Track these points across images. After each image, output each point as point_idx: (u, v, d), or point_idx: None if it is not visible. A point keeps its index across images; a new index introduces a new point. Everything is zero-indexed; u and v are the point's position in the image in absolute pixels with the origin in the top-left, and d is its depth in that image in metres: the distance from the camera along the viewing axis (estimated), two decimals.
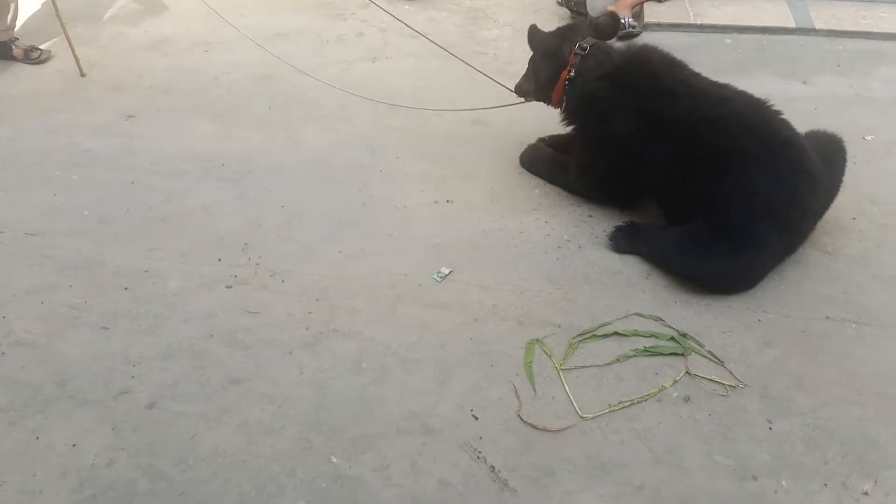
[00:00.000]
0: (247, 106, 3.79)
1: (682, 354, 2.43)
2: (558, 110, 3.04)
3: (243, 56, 4.20)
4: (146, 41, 4.41)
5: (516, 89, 3.25)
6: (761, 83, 2.85)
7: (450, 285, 2.72)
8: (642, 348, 2.45)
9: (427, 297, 2.67)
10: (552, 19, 4.36)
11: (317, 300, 2.66)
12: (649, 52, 2.84)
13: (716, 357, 2.42)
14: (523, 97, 3.24)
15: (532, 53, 3.10)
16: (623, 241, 2.83)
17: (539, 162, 3.22)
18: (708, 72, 2.86)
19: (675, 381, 2.35)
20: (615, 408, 2.28)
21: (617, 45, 2.98)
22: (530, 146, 3.27)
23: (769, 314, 2.56)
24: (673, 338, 2.48)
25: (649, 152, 2.72)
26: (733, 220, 2.59)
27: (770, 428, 2.22)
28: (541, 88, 3.07)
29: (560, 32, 3.05)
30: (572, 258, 2.81)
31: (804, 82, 3.84)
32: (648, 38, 3.94)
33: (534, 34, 3.05)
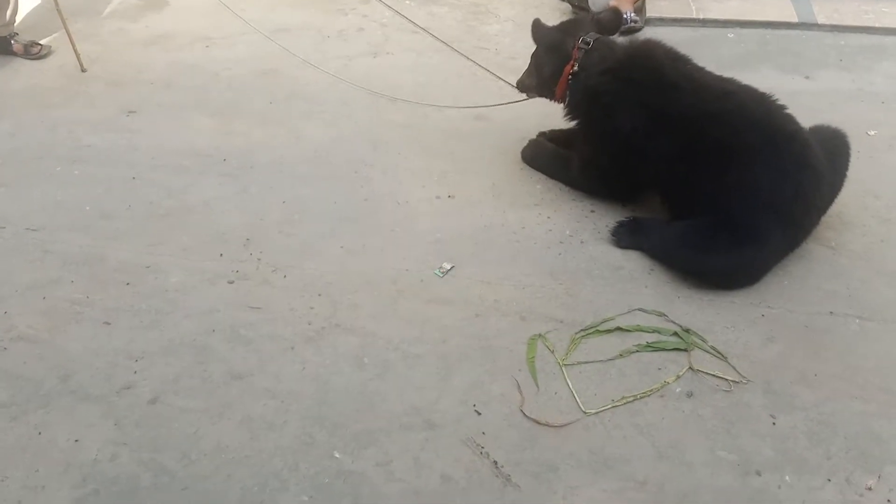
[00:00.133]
0: (248, 101, 3.78)
1: (685, 350, 2.42)
2: (561, 105, 3.03)
3: (244, 52, 4.19)
4: (147, 36, 4.39)
5: (518, 85, 3.24)
6: (763, 78, 2.85)
7: (451, 281, 2.71)
8: (645, 343, 2.44)
9: (429, 293, 2.66)
10: (554, 14, 4.34)
11: (319, 295, 2.66)
12: (653, 47, 2.83)
13: (719, 352, 2.41)
14: (525, 93, 3.23)
15: (535, 48, 3.09)
16: (625, 237, 2.82)
17: (541, 157, 3.21)
18: (710, 66, 2.85)
19: (678, 377, 2.35)
20: (618, 403, 2.28)
21: (620, 40, 2.97)
22: (532, 141, 3.26)
23: (772, 309, 2.56)
24: (676, 333, 2.47)
25: (653, 147, 2.72)
26: (736, 215, 2.58)
27: (773, 423, 2.21)
28: (544, 83, 3.05)
29: (563, 27, 3.04)
30: (574, 253, 2.81)
31: (807, 77, 3.83)
32: (650, 33, 3.91)
33: (537, 28, 3.04)
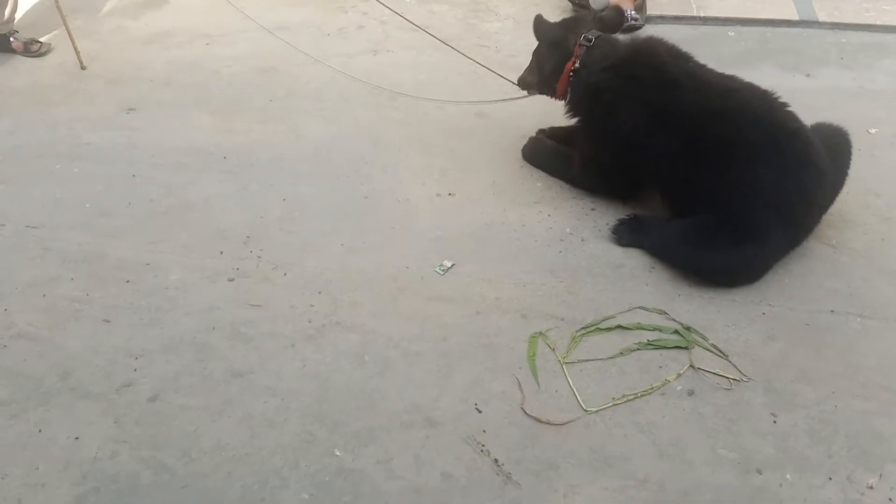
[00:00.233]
0: (248, 99, 3.77)
1: (686, 348, 2.42)
2: (562, 103, 3.02)
3: (244, 49, 4.18)
4: (146, 34, 4.39)
5: (519, 82, 3.24)
6: (764, 76, 2.85)
7: (452, 278, 2.71)
8: (646, 342, 2.44)
9: (429, 290, 2.66)
10: (554, 12, 4.33)
11: (319, 293, 2.66)
12: (654, 44, 2.83)
13: (720, 350, 2.41)
14: (526, 90, 3.22)
15: (536, 45, 3.08)
16: (626, 234, 2.82)
17: (541, 154, 3.20)
18: (711, 64, 2.84)
19: (679, 375, 2.34)
20: (619, 401, 2.27)
21: (621, 38, 2.97)
22: (532, 139, 3.26)
23: (773, 307, 2.55)
24: (677, 331, 2.47)
25: (654, 144, 2.71)
26: (737, 213, 2.58)
27: (774, 421, 2.21)
28: (545, 80, 3.05)
29: (565, 24, 3.04)
30: (575, 251, 2.80)
31: (807, 75, 3.82)
32: (651, 31, 3.91)
33: (539, 24, 3.04)
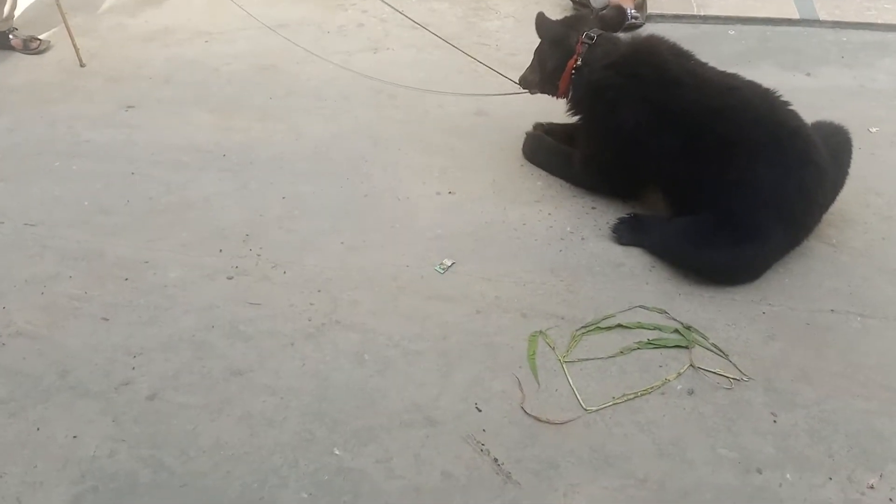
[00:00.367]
0: (247, 97, 3.76)
1: (686, 347, 2.41)
2: (562, 102, 3.02)
3: (244, 47, 4.17)
4: (146, 31, 4.38)
5: (521, 81, 3.23)
6: (765, 75, 2.84)
7: (452, 277, 2.70)
8: (646, 341, 2.43)
9: (429, 289, 2.65)
10: (554, 11, 4.31)
11: (318, 291, 2.65)
12: (656, 42, 2.83)
13: (720, 350, 2.41)
14: (528, 89, 3.21)
15: (537, 44, 3.08)
16: (626, 233, 2.81)
17: (542, 153, 3.20)
18: (711, 63, 2.83)
19: (679, 374, 2.34)
20: (619, 400, 2.27)
21: (623, 36, 2.96)
22: (532, 136, 3.24)
23: (774, 307, 2.55)
24: (677, 330, 2.46)
25: (655, 142, 2.71)
26: (738, 211, 2.58)
27: (774, 421, 2.21)
28: (546, 78, 3.04)
29: (567, 21, 3.03)
30: (575, 250, 2.80)
31: (808, 74, 3.82)
32: (651, 29, 3.91)
33: (541, 22, 3.03)
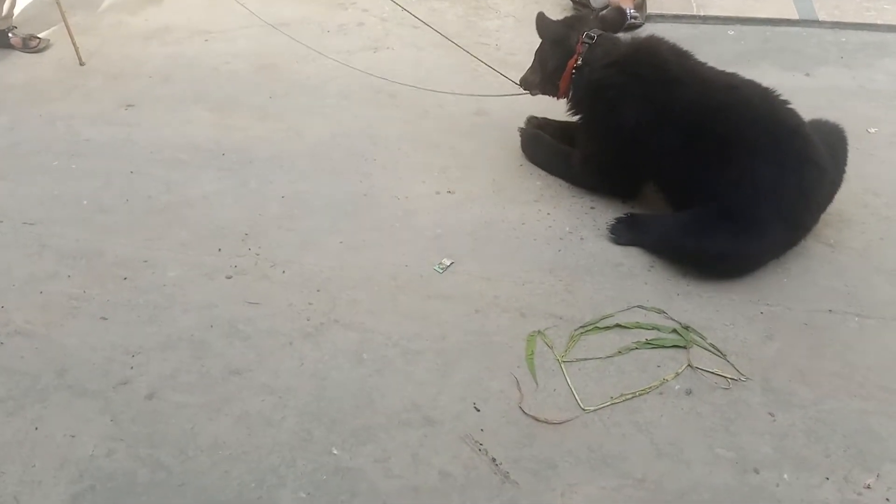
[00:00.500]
0: (247, 96, 3.76)
1: (685, 347, 2.42)
2: (563, 102, 3.03)
3: (243, 45, 4.17)
4: (146, 30, 4.38)
5: (521, 82, 3.23)
6: (764, 75, 2.84)
7: (451, 276, 2.70)
8: (644, 341, 2.44)
9: (428, 289, 2.66)
10: (554, 10, 4.31)
11: (317, 291, 2.65)
12: (656, 42, 2.84)
13: (718, 350, 2.41)
14: (529, 90, 3.22)
15: (537, 44, 3.08)
16: (624, 233, 2.81)
17: (541, 153, 3.20)
18: (711, 63, 2.84)
19: (677, 374, 2.34)
20: (617, 400, 2.27)
21: (623, 36, 2.97)
22: (529, 135, 3.23)
23: (771, 307, 2.55)
24: (675, 330, 2.47)
25: (656, 140, 2.71)
26: (737, 205, 2.57)
27: (772, 421, 2.21)
28: (547, 78, 3.04)
29: (568, 22, 3.04)
30: (574, 250, 2.80)
31: (807, 74, 3.82)
32: (651, 29, 3.92)
33: (542, 22, 3.04)
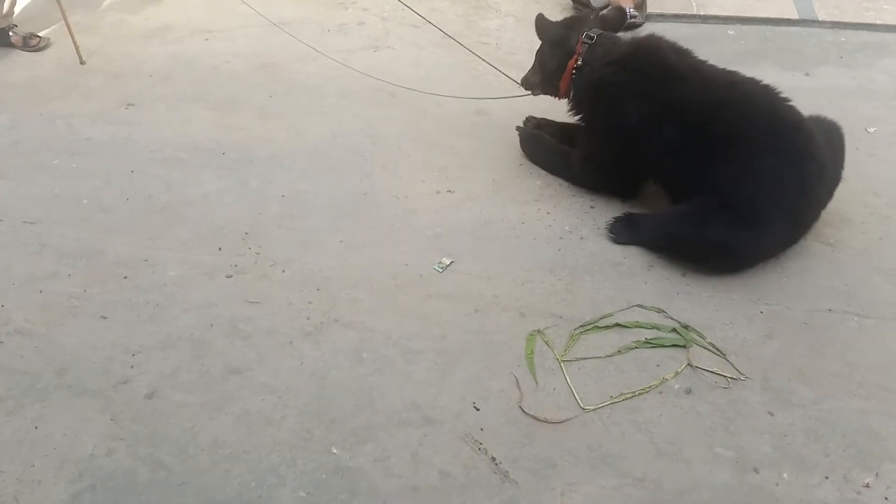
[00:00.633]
0: (247, 95, 3.77)
1: (684, 346, 2.42)
2: (563, 102, 3.04)
3: (244, 45, 4.18)
4: (146, 29, 4.38)
5: (523, 82, 3.23)
6: (763, 74, 2.84)
7: (451, 276, 2.71)
8: (644, 340, 2.44)
9: (428, 288, 2.66)
10: (555, 10, 4.33)
11: (317, 290, 2.65)
12: (657, 40, 2.85)
13: (717, 349, 2.41)
14: (530, 90, 3.22)
15: (539, 44, 3.09)
16: (623, 232, 2.82)
17: (541, 152, 3.20)
18: (711, 62, 2.84)
19: (677, 373, 2.34)
20: (616, 399, 2.27)
21: (623, 35, 2.97)
22: (528, 134, 3.24)
23: (771, 306, 2.55)
24: (675, 329, 2.47)
25: (658, 138, 2.71)
26: (738, 198, 2.57)
27: (771, 420, 2.21)
28: (547, 79, 3.05)
29: (568, 22, 3.05)
30: (574, 249, 2.80)
31: (807, 74, 3.82)
32: (651, 29, 3.91)
33: (541, 23, 3.04)
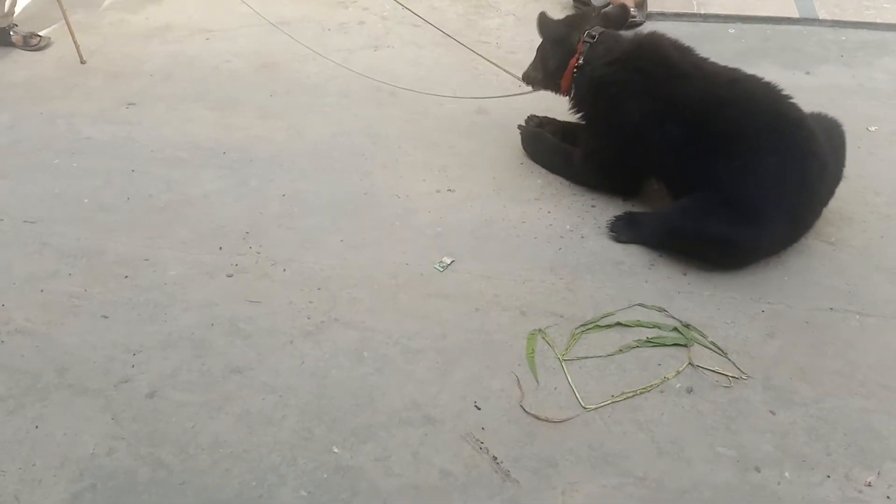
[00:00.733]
0: (248, 94, 3.76)
1: (685, 345, 2.42)
2: (564, 99, 3.03)
3: (244, 44, 4.17)
4: (147, 28, 4.38)
5: (524, 77, 3.24)
6: (765, 73, 2.84)
7: (451, 275, 2.70)
8: (645, 339, 2.44)
9: (429, 287, 2.66)
10: (555, 9, 4.32)
11: (318, 289, 2.65)
12: (658, 38, 2.86)
13: (719, 348, 2.41)
14: (531, 85, 3.23)
15: (540, 42, 3.09)
16: (624, 231, 2.82)
17: (542, 151, 3.20)
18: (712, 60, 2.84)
19: (678, 372, 2.34)
20: (618, 399, 2.27)
21: (624, 34, 2.97)
22: (529, 133, 3.24)
23: (772, 305, 2.55)
24: (676, 328, 2.47)
25: (659, 136, 2.71)
26: (740, 195, 2.57)
27: (773, 419, 2.20)
28: (549, 76, 3.06)
29: (569, 21, 3.05)
30: (575, 248, 2.80)
31: (807, 73, 3.82)
32: (652, 28, 3.91)
33: (543, 22, 3.04)
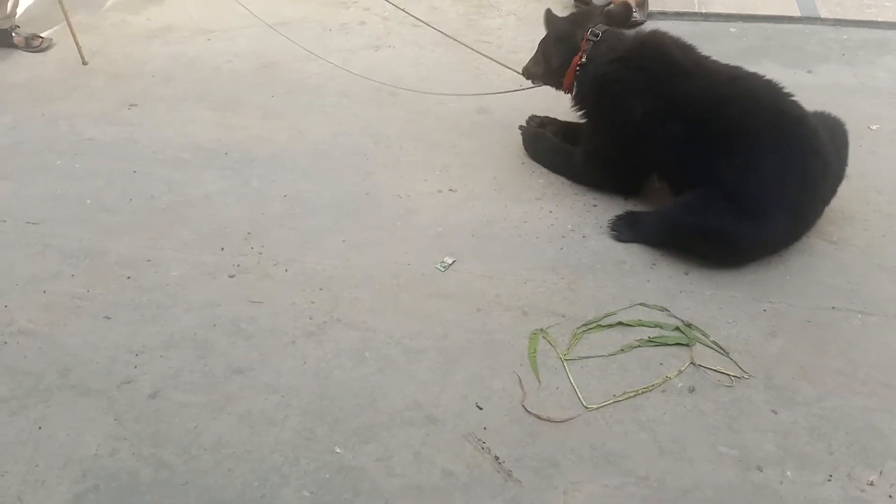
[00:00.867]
0: (249, 95, 3.77)
1: (687, 345, 2.42)
2: (566, 98, 3.04)
3: (245, 45, 4.18)
4: (148, 29, 4.38)
5: (524, 72, 3.24)
6: (766, 72, 2.84)
7: (453, 275, 2.70)
8: (647, 338, 2.44)
9: (430, 287, 2.66)
10: (556, 7, 4.30)
11: (320, 289, 2.65)
12: (660, 36, 2.86)
13: (721, 347, 2.41)
14: (531, 80, 3.23)
15: (542, 37, 3.10)
16: (624, 230, 2.82)
17: (543, 151, 3.20)
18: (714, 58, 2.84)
19: (680, 372, 2.34)
20: (619, 398, 2.27)
21: (627, 32, 2.98)
22: (531, 133, 3.24)
23: (774, 304, 2.55)
24: (678, 328, 2.47)
25: (662, 133, 2.71)
26: (742, 192, 2.57)
27: (775, 418, 2.20)
28: (551, 73, 3.06)
29: (574, 18, 3.07)
30: (576, 248, 2.80)
31: (809, 71, 3.81)
32: (652, 27, 3.91)
33: (549, 18, 3.06)
